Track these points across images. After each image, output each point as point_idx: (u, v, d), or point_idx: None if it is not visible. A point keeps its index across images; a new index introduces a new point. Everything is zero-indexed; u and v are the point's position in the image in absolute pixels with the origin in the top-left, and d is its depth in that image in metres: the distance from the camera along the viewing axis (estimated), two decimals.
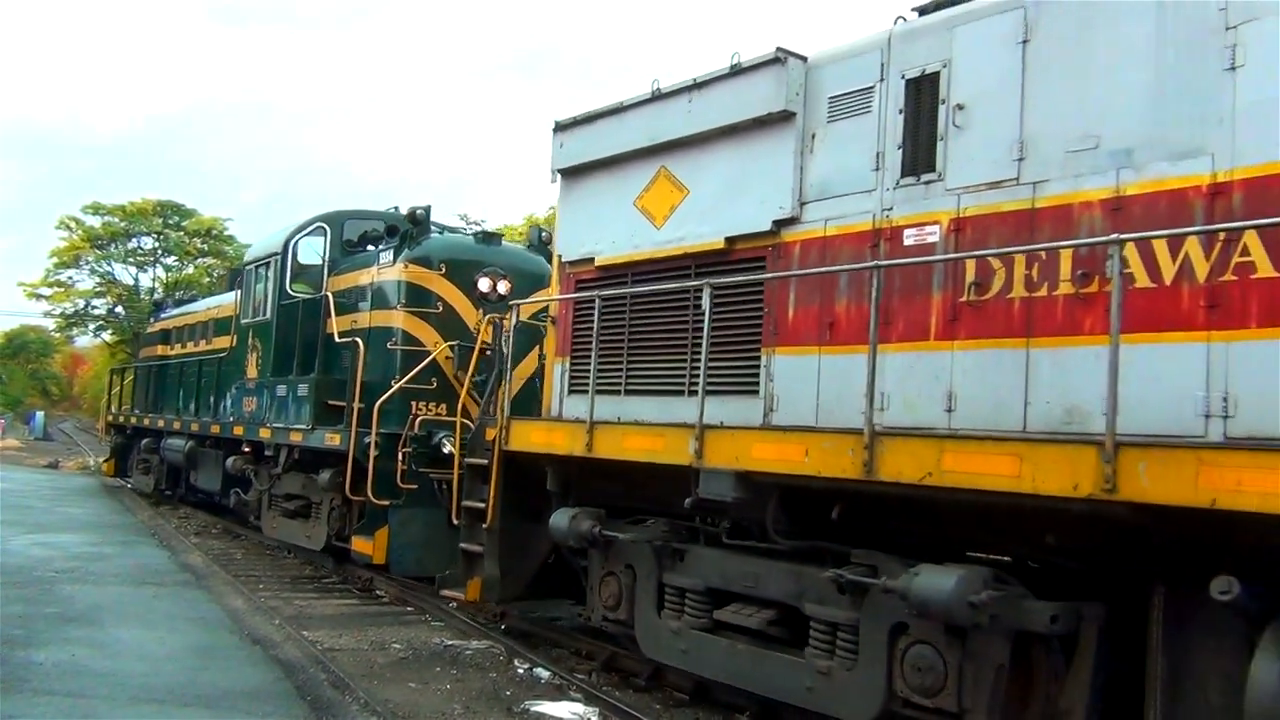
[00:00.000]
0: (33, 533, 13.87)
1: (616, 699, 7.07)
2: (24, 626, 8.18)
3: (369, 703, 6.63)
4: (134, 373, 23.42)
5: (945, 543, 5.66)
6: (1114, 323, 4.59)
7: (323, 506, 11.44)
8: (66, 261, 60.00)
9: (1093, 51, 5.30)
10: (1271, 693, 4.09)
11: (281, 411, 12.26)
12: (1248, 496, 4.08)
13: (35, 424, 45.30)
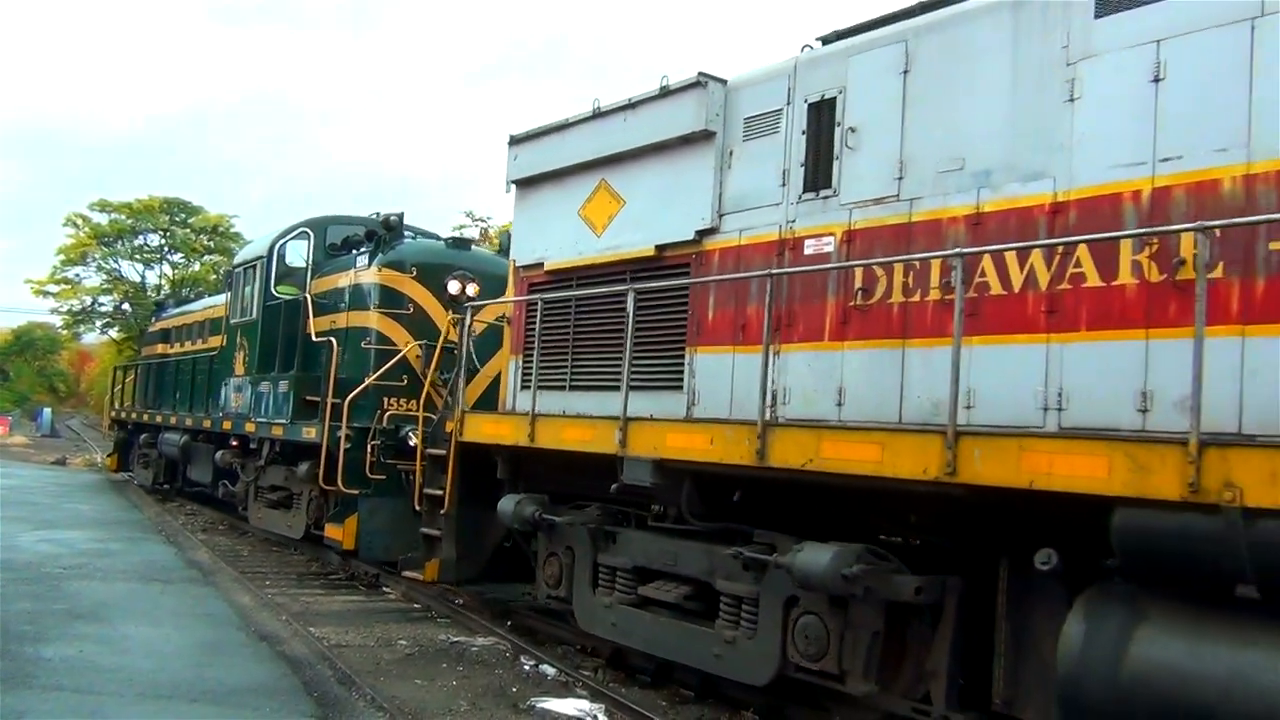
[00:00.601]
0: (40, 529, 14.12)
1: (622, 696, 7.16)
2: (32, 622, 8.31)
3: (375, 699, 6.71)
4: (135, 370, 24.31)
5: (840, 523, 6.32)
6: (956, 326, 5.30)
7: (302, 497, 12.19)
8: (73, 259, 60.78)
9: (960, 82, 5.98)
10: (1077, 647, 4.76)
11: (265, 407, 13.04)
12: (1056, 478, 4.76)
13: (43, 421, 46.10)
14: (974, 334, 5.65)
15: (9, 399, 49.55)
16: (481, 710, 6.76)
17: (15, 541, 12.67)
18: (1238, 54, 4.84)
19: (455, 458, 9.08)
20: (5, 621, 8.20)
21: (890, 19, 6.57)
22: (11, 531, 13.44)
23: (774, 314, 6.61)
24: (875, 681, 5.92)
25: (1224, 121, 4.86)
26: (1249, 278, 4.71)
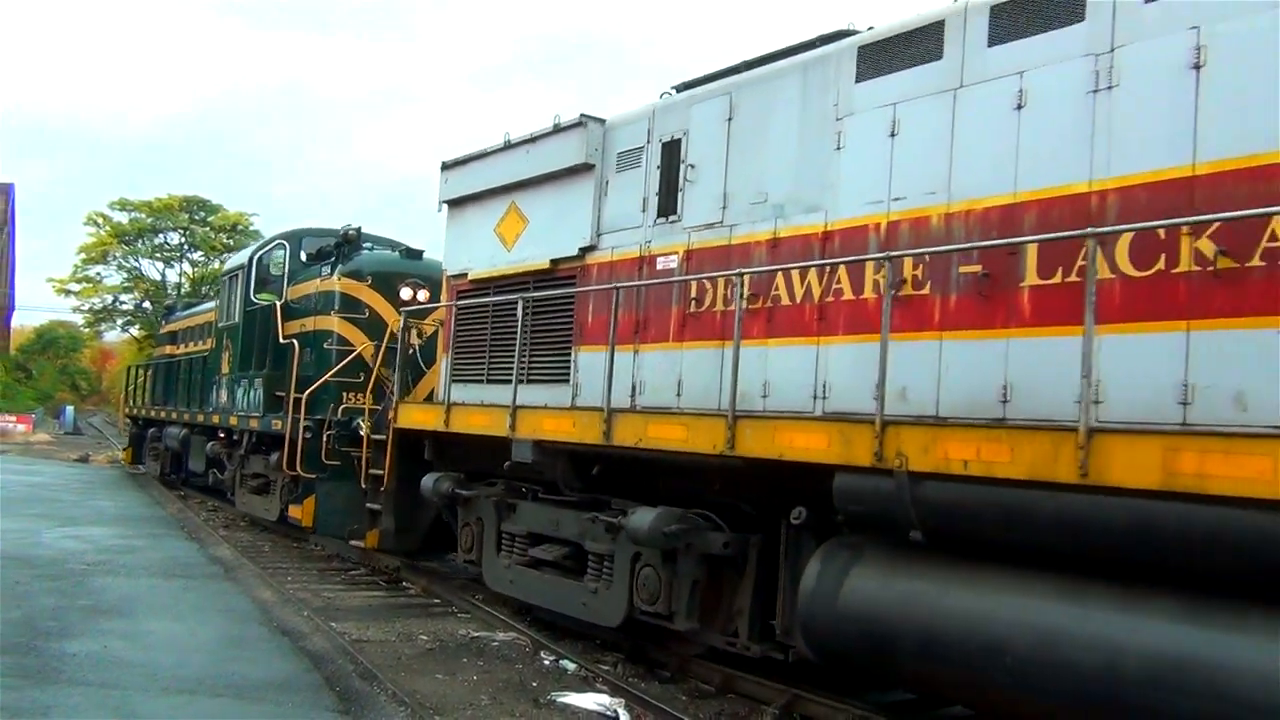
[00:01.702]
0: (64, 526, 14.45)
1: (642, 690, 7.38)
2: (57, 618, 8.55)
3: (397, 693, 6.87)
4: (147, 370, 26.29)
5: (678, 492, 7.80)
6: (736, 332, 6.81)
7: (276, 482, 13.85)
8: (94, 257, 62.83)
9: (766, 130, 7.47)
10: (811, 584, 6.27)
11: (244, 402, 14.73)
12: (797, 451, 6.27)
13: (65, 419, 47.70)
14: (769, 336, 7.14)
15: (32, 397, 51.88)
16: (502, 705, 6.93)
17: (40, 538, 13.02)
18: (944, 117, 6.30)
19: (393, 442, 10.71)
20: (31, 617, 8.50)
21: (723, 74, 8.06)
22: (36, 528, 13.83)
23: (634, 318, 8.15)
24: (697, 620, 7.44)
25: (933, 170, 6.32)
26: (946, 295, 6.16)
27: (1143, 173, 5.37)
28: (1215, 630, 4.65)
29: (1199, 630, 4.69)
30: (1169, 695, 4.71)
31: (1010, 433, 5.31)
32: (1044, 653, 5.15)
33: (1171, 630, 4.77)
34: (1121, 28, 5.54)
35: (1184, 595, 4.80)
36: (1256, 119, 4.95)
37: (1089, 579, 5.14)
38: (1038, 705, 5.33)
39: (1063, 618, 5.15)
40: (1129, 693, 4.85)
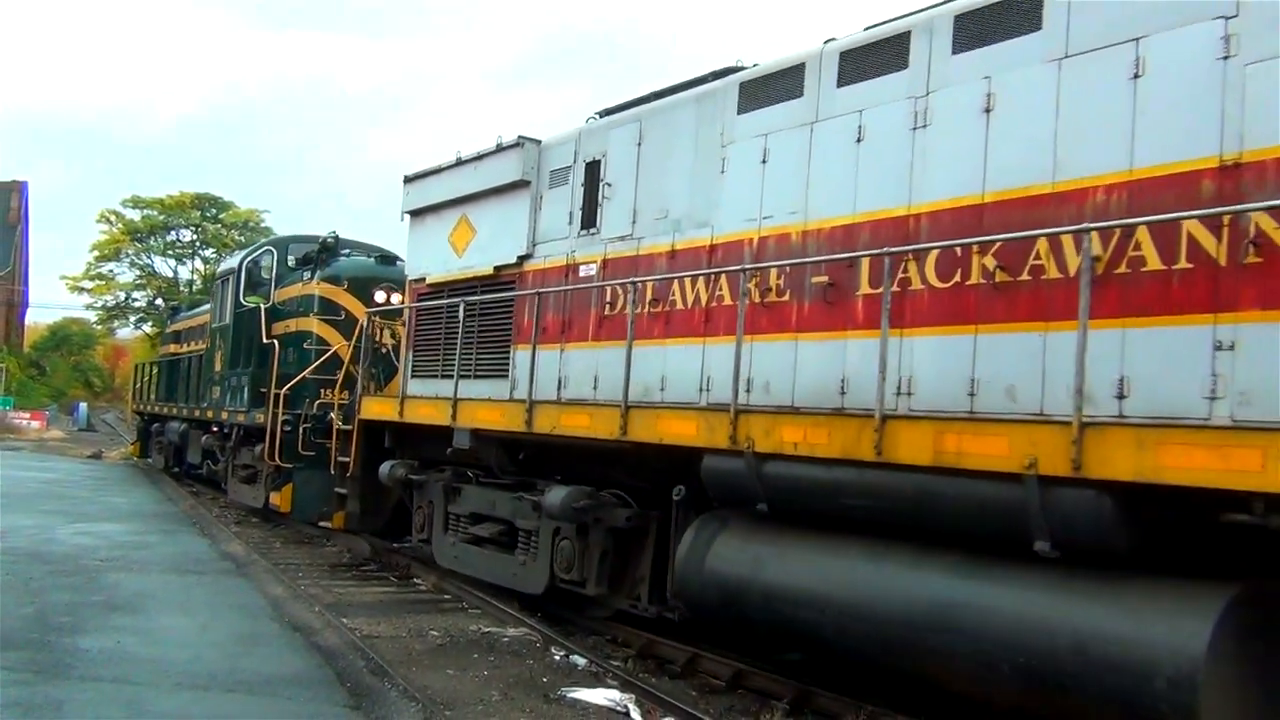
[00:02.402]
0: (78, 522, 14.69)
1: (653, 686, 7.54)
2: (71, 614, 8.69)
3: (408, 689, 7.00)
4: (152, 368, 27.78)
5: (595, 474, 8.93)
6: (629, 334, 7.94)
7: (262, 473, 15.09)
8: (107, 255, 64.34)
9: (667, 154, 8.58)
10: (685, 551, 7.41)
11: (233, 398, 16.00)
12: (674, 435, 7.40)
13: (79, 415, 48.86)
14: (667, 337, 8.27)
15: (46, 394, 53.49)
16: (513, 700, 7.06)
17: (53, 534, 13.27)
18: (803, 146, 7.41)
19: (358, 432, 11.91)
20: (44, 613, 8.68)
21: (636, 102, 9.18)
22: (50, 524, 14.11)
23: (561, 320, 9.30)
24: (606, 586, 8.59)
25: (794, 192, 7.42)
26: (801, 301, 7.26)
27: (946, 199, 6.46)
28: (978, 580, 5.75)
29: (967, 581, 5.80)
30: (948, 634, 5.81)
31: (828, 419, 6.44)
32: (855, 604, 6.27)
33: (949, 581, 5.88)
34: (934, 75, 6.63)
35: (958, 551, 5.90)
36: (1031, 156, 6.04)
37: (889, 541, 6.25)
38: (853, 650, 6.45)
39: (869, 574, 6.27)
40: (919, 634, 5.96)
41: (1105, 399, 5.46)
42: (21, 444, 35.22)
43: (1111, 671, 5.01)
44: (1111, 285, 5.53)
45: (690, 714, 6.85)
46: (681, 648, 8.14)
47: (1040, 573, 5.45)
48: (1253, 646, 4.84)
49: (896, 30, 6.92)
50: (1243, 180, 5.13)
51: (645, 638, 8.47)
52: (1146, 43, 5.58)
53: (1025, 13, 6.17)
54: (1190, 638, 4.74)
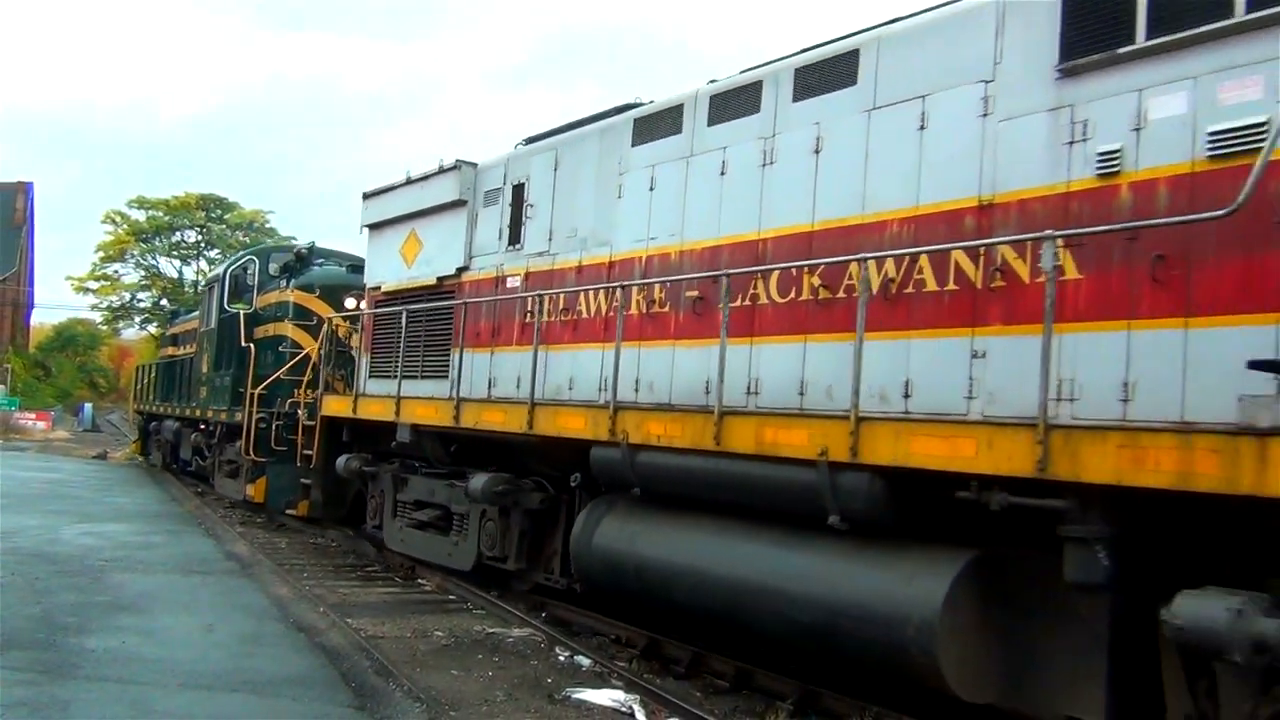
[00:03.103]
0: (83, 522, 15.04)
1: (657, 686, 7.70)
2: (76, 614, 8.86)
3: (413, 689, 7.16)
4: (151, 370, 29.35)
5: (518, 464, 10.19)
6: (535, 339, 9.19)
7: (243, 467, 16.45)
8: (113, 255, 65.90)
9: (577, 180, 9.84)
10: (577, 530, 8.68)
11: (217, 398, 17.39)
12: (567, 429, 8.67)
13: (84, 416, 50.54)
14: (575, 342, 9.52)
15: (51, 394, 55.14)
16: (518, 701, 7.20)
17: (59, 535, 13.59)
18: (680, 177, 8.66)
19: (321, 427, 13.23)
20: (50, 613, 8.85)
21: (555, 132, 10.44)
22: (55, 525, 14.46)
23: (491, 326, 10.58)
24: (524, 562, 9.88)
25: (674, 217, 8.66)
26: (678, 312, 8.50)
27: (786, 227, 7.69)
28: (788, 551, 6.99)
29: (781, 552, 7.04)
30: (765, 596, 7.05)
31: (681, 415, 7.70)
32: (703, 572, 7.53)
33: (769, 552, 7.12)
34: (779, 120, 7.87)
35: (781, 526, 7.14)
36: (848, 191, 7.26)
37: (728, 519, 7.50)
38: (701, 611, 7.71)
39: (714, 547, 7.53)
40: (748, 597, 7.20)
41: (896, 398, 6.69)
42: (27, 444, 36.32)
43: (877, 622, 6.24)
44: (900, 303, 6.77)
45: (695, 714, 7.07)
46: (686, 647, 8.40)
47: (834, 543, 6.68)
48: (982, 600, 6.06)
49: (752, 79, 8.16)
50: (994, 218, 6.35)
51: (649, 637, 8.76)
52: (930, 99, 6.80)
53: (845, 68, 7.40)
54: (931, 594, 5.97)
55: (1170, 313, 5.42)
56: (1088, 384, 5.71)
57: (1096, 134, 5.87)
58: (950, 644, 5.94)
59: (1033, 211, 6.12)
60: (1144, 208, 5.60)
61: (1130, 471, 5.03)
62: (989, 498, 5.71)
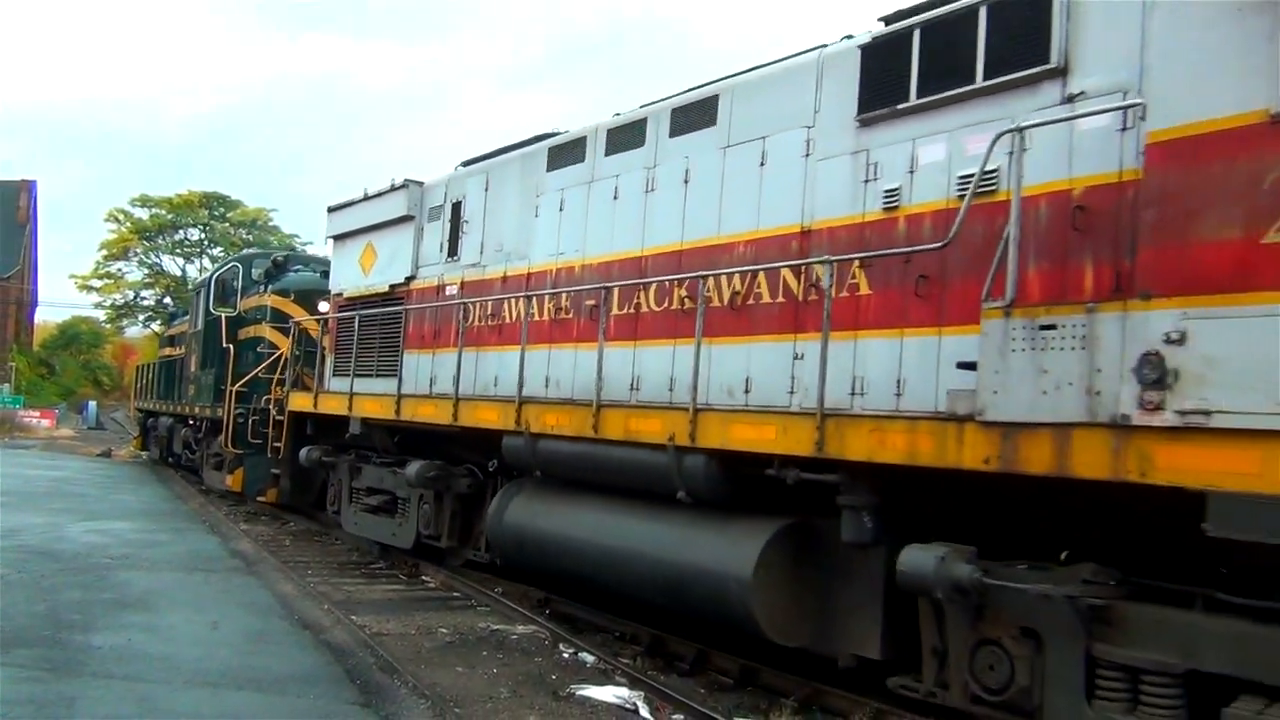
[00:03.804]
0: (88, 520, 15.43)
1: (661, 683, 7.87)
2: (82, 612, 9.05)
3: (417, 686, 7.32)
4: (150, 369, 31.09)
5: (456, 454, 11.65)
6: (459, 342, 10.65)
7: (225, 459, 18.02)
8: (116, 254, 67.59)
9: (503, 199, 11.29)
10: (491, 510, 10.15)
11: (203, 395, 18.98)
12: (484, 421, 10.13)
13: (88, 414, 52.39)
14: (501, 344, 10.97)
15: (55, 393, 57.01)
16: (522, 698, 7.35)
17: (64, 532, 13.96)
18: (583, 200, 10.10)
19: (288, 421, 14.76)
20: (55, 611, 9.06)
21: (488, 156, 11.90)
22: (60, 523, 14.86)
23: (432, 330, 12.04)
24: (456, 540, 11.36)
25: (578, 235, 10.10)
26: (579, 319, 9.93)
27: (663, 245, 9.12)
28: (649, 522, 8.43)
29: (645, 523, 8.47)
30: (633, 560, 8.47)
31: (570, 408, 9.15)
32: (586, 542, 8.97)
33: (636, 523, 8.56)
34: (659, 152, 9.31)
35: (648, 501, 8.57)
36: (708, 216, 8.68)
37: (607, 496, 8.94)
38: (586, 576, 9.17)
39: (595, 521, 8.98)
40: (621, 561, 8.63)
41: (740, 393, 8.12)
42: (31, 442, 37.58)
43: (710, 581, 7.67)
44: (744, 312, 8.19)
45: (700, 711, 7.30)
46: (691, 644, 8.76)
47: (681, 515, 8.12)
48: (791, 560, 7.47)
49: (640, 117, 9.60)
50: (812, 242, 7.77)
51: (653, 634, 9.15)
52: (769, 140, 8.23)
53: (708, 111, 8.83)
54: (747, 556, 7.39)
55: (930, 323, 6.84)
56: (874, 380, 7.14)
57: (884, 174, 7.29)
58: (763, 597, 7.36)
59: (839, 238, 7.54)
60: (914, 236, 7.01)
61: (878, 450, 6.45)
62: (786, 474, 7.13)
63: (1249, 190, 4.86)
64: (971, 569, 5.98)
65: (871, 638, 7.08)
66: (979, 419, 5.82)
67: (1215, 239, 4.97)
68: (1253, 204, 4.84)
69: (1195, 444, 4.93)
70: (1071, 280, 6.04)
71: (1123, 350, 5.22)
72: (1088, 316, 5.40)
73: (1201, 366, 4.92)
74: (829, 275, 7.01)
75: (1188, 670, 5.25)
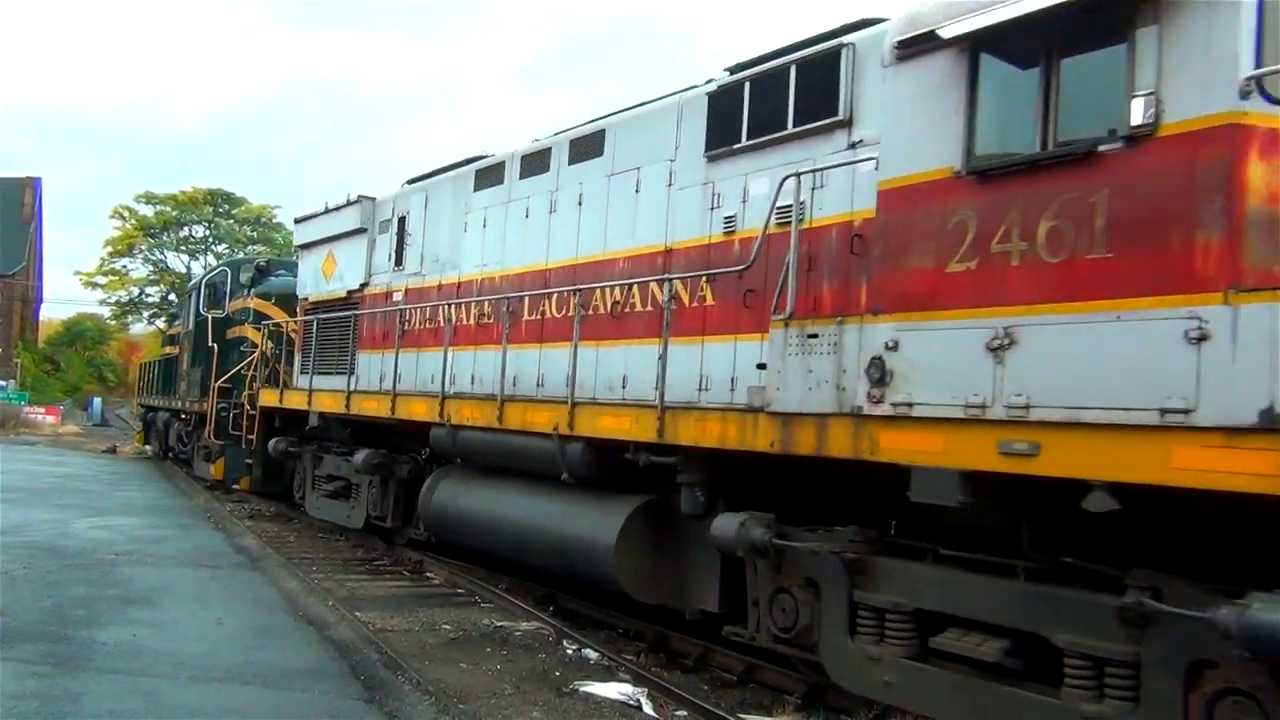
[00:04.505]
0: (93, 516, 15.79)
1: (665, 680, 8.05)
2: (87, 607, 9.23)
3: (421, 682, 7.48)
4: (153, 366, 32.99)
5: (402, 444, 13.28)
6: (398, 344, 12.27)
7: (211, 450, 19.77)
8: (121, 251, 69.33)
9: (439, 215, 12.90)
10: (424, 492, 11.78)
11: (193, 391, 20.75)
12: (414, 414, 11.76)
13: (93, 410, 54.19)
14: (436, 346, 12.57)
15: (60, 389, 58.99)
16: (526, 694, 7.52)
17: (70, 528, 14.29)
18: (502, 219, 11.66)
19: (259, 415, 16.47)
20: (61, 606, 9.25)
21: (427, 175, 13.52)
22: (66, 518, 15.23)
23: (380, 332, 13.68)
24: (400, 520, 13.01)
25: (497, 249, 11.70)
26: (500, 323, 11.51)
27: (563, 260, 10.70)
28: (545, 501, 10.03)
29: (542, 501, 10.07)
30: (532, 533, 10.10)
31: (480, 402, 10.76)
32: (497, 519, 10.59)
33: (535, 502, 10.17)
34: (560, 178, 10.92)
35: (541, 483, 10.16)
36: (597, 235, 10.26)
37: (512, 479, 10.55)
38: (498, 548, 10.80)
39: (504, 500, 10.59)
40: (524, 535, 10.24)
41: (619, 389, 9.69)
42: (37, 439, 38.72)
43: (586, 549, 9.27)
44: (622, 319, 9.78)
45: (703, 707, 7.53)
46: (695, 641, 9.09)
47: (566, 494, 9.72)
48: (650, 530, 9.05)
49: (546, 146, 11.21)
50: (673, 260, 9.33)
51: (657, 631, 9.50)
52: (642, 170, 9.79)
53: (597, 143, 10.41)
54: (612, 527, 8.99)
55: (755, 330, 8.38)
56: (715, 378, 8.71)
57: (724, 203, 8.85)
58: (625, 562, 8.95)
59: (692, 257, 9.11)
60: (745, 257, 8.55)
61: (700, 436, 8.02)
62: (639, 457, 8.71)
63: (939, 230, 6.38)
64: (765, 532, 7.54)
65: (711, 594, 8.65)
66: (767, 410, 7.38)
67: (917, 268, 6.50)
68: (941, 241, 6.37)
69: (903, 429, 6.47)
70: (852, 296, 7.59)
71: (860, 355, 6.76)
72: (837, 328, 6.94)
73: (906, 368, 6.46)
74: (667, 291, 8.61)
75: (915, 609, 6.79)
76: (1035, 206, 5.88)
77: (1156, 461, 5.19)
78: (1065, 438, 5.57)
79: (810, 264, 7.82)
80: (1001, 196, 6.07)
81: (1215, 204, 5.15)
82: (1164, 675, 5.50)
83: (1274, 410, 4.77)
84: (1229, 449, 4.95)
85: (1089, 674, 5.81)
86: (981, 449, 5.99)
